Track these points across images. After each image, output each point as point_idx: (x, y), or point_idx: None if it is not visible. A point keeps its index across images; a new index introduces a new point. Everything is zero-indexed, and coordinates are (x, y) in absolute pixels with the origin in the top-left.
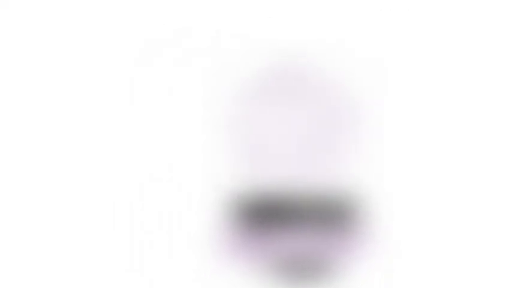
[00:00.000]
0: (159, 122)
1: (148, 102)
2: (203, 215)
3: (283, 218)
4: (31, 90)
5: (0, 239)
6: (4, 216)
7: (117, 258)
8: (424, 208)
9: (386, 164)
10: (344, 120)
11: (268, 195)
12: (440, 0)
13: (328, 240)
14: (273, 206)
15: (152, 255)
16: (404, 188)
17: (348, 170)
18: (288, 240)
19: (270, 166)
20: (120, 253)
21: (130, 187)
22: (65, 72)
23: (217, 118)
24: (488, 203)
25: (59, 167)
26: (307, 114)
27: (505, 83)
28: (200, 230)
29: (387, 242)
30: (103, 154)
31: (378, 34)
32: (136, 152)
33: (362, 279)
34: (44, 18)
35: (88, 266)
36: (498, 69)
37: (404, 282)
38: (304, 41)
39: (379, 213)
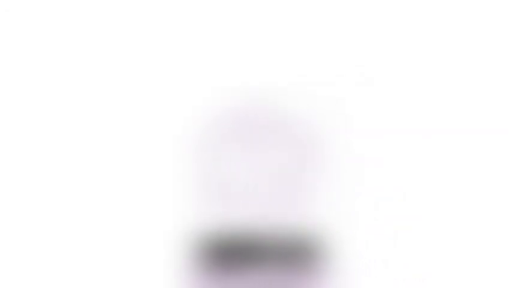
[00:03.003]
0: (127, 160)
1: (118, 138)
2: (171, 253)
3: (249, 256)
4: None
5: None
6: None
7: None
8: (387, 249)
9: (351, 205)
10: (310, 161)
11: (234, 234)
12: (399, 42)
13: (293, 279)
14: (239, 245)
15: None
16: (368, 228)
17: (314, 210)
18: (254, 278)
19: (236, 205)
20: None
21: (98, 227)
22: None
23: (187, 158)
24: (453, 247)
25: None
26: (274, 154)
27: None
28: (167, 268)
29: (350, 282)
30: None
31: (343, 76)
32: (106, 191)
33: None
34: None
35: None
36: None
37: None
38: (275, 83)
39: (343, 253)
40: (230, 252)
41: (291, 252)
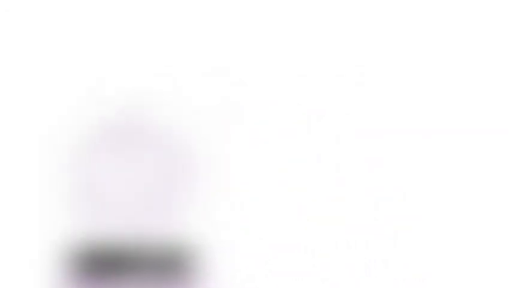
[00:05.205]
0: None
1: None
2: (39, 264)
3: (120, 267)
4: None
5: None
6: None
7: None
8: (262, 257)
9: (224, 214)
10: (184, 170)
11: (106, 244)
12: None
13: None
14: (110, 255)
15: None
16: (242, 238)
17: (185, 220)
18: None
19: (108, 215)
20: None
21: None
22: None
23: (56, 167)
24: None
25: None
26: (146, 163)
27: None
28: (37, 279)
29: None
30: None
31: (219, 84)
32: None
33: None
34: None
35: None
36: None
37: None
38: (146, 91)
39: (216, 263)
40: (102, 263)
41: (164, 263)
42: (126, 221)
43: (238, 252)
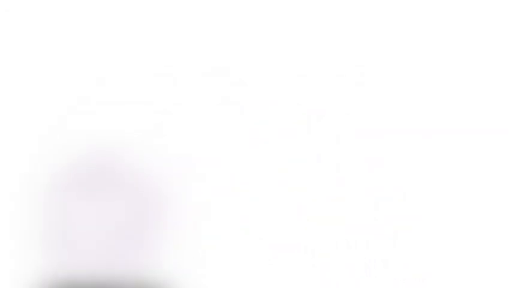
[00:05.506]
0: None
1: None
2: None
3: None
4: None
5: None
6: None
7: None
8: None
9: (195, 254)
10: (151, 211)
11: (77, 284)
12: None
13: None
14: None
15: None
16: (212, 278)
17: (156, 260)
18: None
19: (79, 256)
20: None
21: None
22: None
23: (30, 207)
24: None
25: None
26: (117, 204)
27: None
28: None
29: None
30: None
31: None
32: None
33: None
34: None
35: None
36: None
37: None
38: (116, 133)
39: None
40: None
41: None
42: (97, 261)
43: None
